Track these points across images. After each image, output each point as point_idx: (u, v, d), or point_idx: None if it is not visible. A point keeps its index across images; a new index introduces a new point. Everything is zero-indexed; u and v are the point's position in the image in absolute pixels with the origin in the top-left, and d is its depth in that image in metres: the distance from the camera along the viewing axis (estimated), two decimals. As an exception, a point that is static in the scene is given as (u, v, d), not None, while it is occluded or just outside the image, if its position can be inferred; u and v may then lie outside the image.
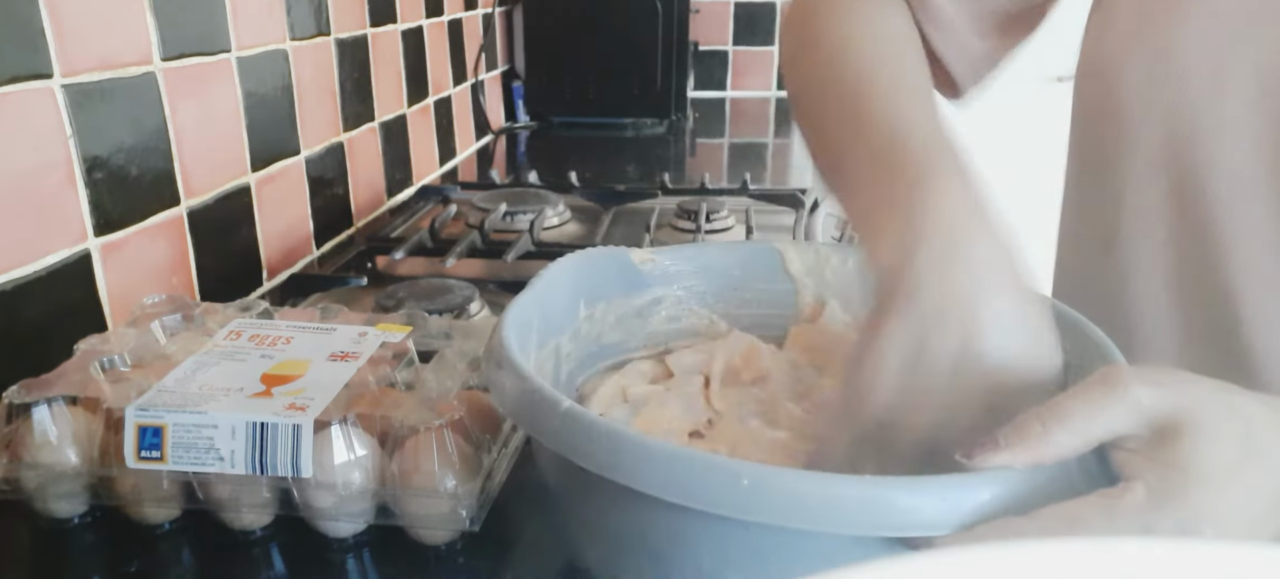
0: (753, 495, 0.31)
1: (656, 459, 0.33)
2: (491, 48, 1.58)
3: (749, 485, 0.31)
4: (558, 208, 1.05)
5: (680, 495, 0.32)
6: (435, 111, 1.32)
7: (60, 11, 0.59)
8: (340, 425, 0.46)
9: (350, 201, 1.04)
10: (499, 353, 0.39)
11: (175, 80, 0.72)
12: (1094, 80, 0.52)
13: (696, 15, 1.79)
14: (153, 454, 0.45)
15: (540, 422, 0.36)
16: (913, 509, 0.31)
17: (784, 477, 0.32)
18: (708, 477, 0.32)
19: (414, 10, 1.22)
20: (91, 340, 0.53)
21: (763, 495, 0.31)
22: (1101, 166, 0.51)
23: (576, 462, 0.34)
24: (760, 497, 0.31)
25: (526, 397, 0.37)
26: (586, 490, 0.38)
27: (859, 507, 0.31)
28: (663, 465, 0.32)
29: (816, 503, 0.31)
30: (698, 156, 1.56)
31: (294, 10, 0.89)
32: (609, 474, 0.33)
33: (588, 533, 0.42)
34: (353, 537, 0.48)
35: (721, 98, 1.99)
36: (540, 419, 0.36)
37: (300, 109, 0.92)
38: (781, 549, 0.33)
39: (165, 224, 0.72)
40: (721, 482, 0.31)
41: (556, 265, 0.50)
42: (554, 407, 0.35)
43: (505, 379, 0.38)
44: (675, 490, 0.32)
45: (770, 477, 0.31)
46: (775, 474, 0.32)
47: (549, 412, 0.35)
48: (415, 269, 0.87)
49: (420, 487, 0.45)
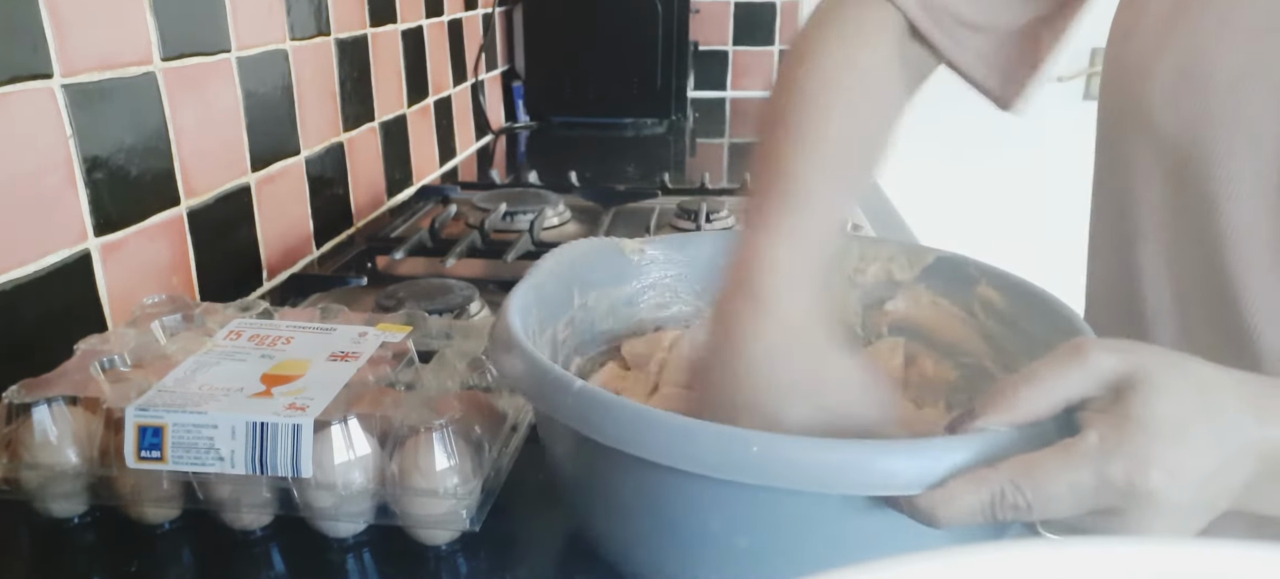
0: (762, 462, 0.33)
1: (675, 431, 0.35)
2: (491, 48, 1.58)
3: (758, 452, 0.33)
4: (558, 208, 1.05)
5: (696, 465, 0.34)
6: (435, 111, 1.32)
7: (60, 11, 0.59)
8: (340, 425, 0.46)
9: (350, 201, 1.04)
10: (506, 337, 0.42)
11: (175, 80, 0.72)
12: (1119, 80, 0.52)
13: (696, 15, 1.79)
14: (153, 454, 0.45)
15: (554, 400, 0.38)
16: (905, 470, 0.33)
17: (790, 444, 0.34)
18: (721, 445, 0.34)
19: (414, 10, 1.22)
20: (91, 340, 0.53)
21: (771, 461, 0.33)
22: (1126, 165, 0.51)
23: (596, 438, 0.36)
24: (768, 463, 0.33)
25: (539, 377, 0.39)
26: (598, 465, 0.40)
27: (857, 470, 0.34)
28: (682, 437, 0.35)
29: (817, 466, 0.34)
30: (698, 156, 1.56)
31: (294, 10, 0.89)
32: (628, 448, 0.35)
33: (600, 508, 0.43)
34: (353, 537, 0.48)
35: (721, 98, 1.99)
36: (554, 398, 0.38)
37: (300, 109, 0.92)
38: (784, 513, 0.36)
39: (165, 224, 0.72)
40: (733, 449, 0.34)
41: (551, 256, 0.53)
42: (568, 386, 0.37)
43: (515, 362, 0.41)
44: (693, 460, 0.34)
45: (779, 444, 0.34)
46: (782, 442, 0.34)
47: (563, 391, 0.38)
48: (415, 269, 0.87)
49: (420, 487, 0.45)
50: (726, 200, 1.07)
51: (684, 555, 0.39)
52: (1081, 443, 0.32)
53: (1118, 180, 0.53)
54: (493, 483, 0.47)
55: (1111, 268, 0.55)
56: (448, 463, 0.45)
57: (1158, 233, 0.50)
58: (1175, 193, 0.48)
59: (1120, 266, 0.53)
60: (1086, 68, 2.18)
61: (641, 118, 1.67)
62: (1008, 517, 0.33)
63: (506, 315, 0.44)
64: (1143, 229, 0.51)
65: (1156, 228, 0.50)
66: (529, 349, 0.41)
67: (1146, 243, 0.51)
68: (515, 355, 0.41)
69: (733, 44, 1.98)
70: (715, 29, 1.96)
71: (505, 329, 0.43)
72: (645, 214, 1.05)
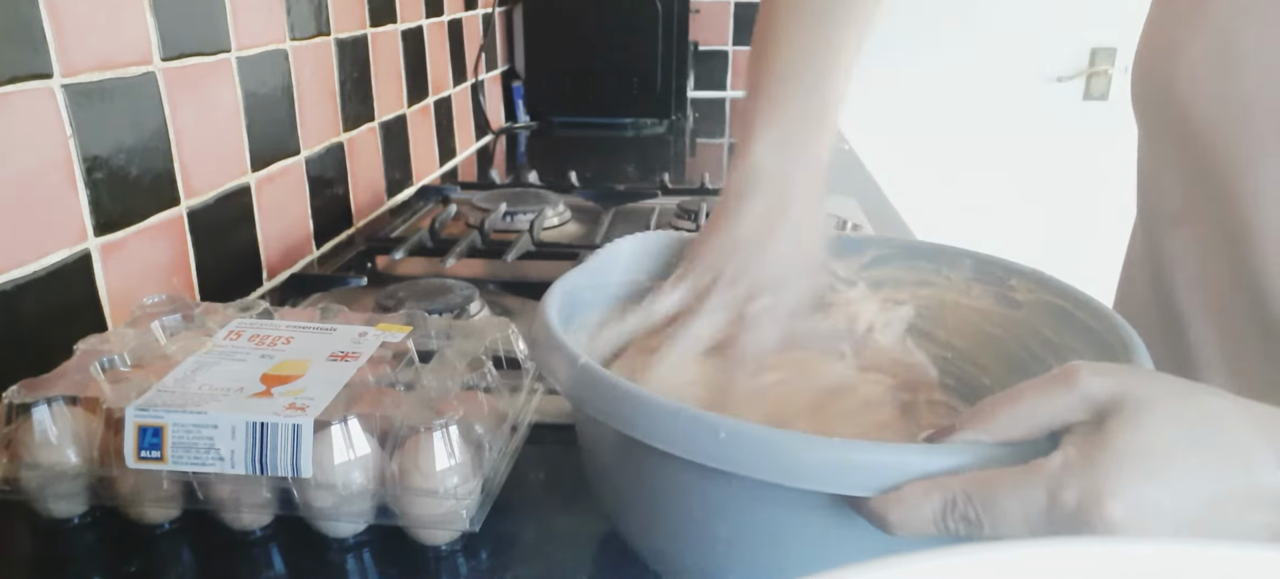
0: (728, 447, 0.33)
1: (652, 409, 0.35)
2: (491, 48, 1.58)
3: (725, 438, 0.33)
4: (558, 208, 1.05)
5: (669, 444, 0.35)
6: (435, 111, 1.32)
7: (60, 11, 0.59)
8: (340, 425, 0.46)
9: (350, 201, 1.04)
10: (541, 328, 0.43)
11: (175, 80, 0.72)
12: (1149, 63, 0.52)
13: (696, 15, 1.79)
14: (153, 454, 0.45)
15: (557, 373, 0.40)
16: (867, 468, 0.32)
17: (755, 431, 0.34)
18: (690, 428, 0.34)
19: (414, 10, 1.22)
20: (91, 340, 0.53)
21: (736, 447, 0.33)
22: (1155, 151, 0.51)
23: (584, 410, 0.38)
24: (734, 449, 0.33)
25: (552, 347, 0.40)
26: (605, 444, 0.42)
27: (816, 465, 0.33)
28: (659, 416, 0.35)
29: (782, 458, 0.33)
30: (698, 157, 1.56)
31: (294, 10, 0.89)
32: (606, 419, 0.37)
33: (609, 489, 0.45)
34: (353, 537, 0.48)
35: (721, 98, 1.99)
36: (557, 370, 0.40)
37: (300, 109, 0.92)
38: (755, 502, 0.36)
39: (165, 224, 0.72)
40: (700, 433, 0.34)
41: (613, 245, 0.54)
42: (572, 361, 0.39)
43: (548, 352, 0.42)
44: (665, 440, 0.35)
45: (745, 430, 0.34)
46: (748, 428, 0.34)
47: (567, 363, 0.39)
48: (415, 269, 0.87)
49: (420, 487, 0.45)
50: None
51: (680, 543, 0.39)
52: (1045, 463, 0.30)
53: (1148, 166, 0.53)
54: (493, 483, 0.47)
55: (1142, 259, 0.55)
56: (448, 463, 0.45)
57: (1187, 220, 0.49)
58: (1203, 178, 0.48)
59: (1151, 257, 0.53)
60: (1087, 68, 2.18)
61: (641, 118, 1.67)
62: (959, 529, 0.31)
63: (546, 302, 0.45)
64: (1173, 214, 0.50)
65: (1185, 215, 0.49)
66: (556, 330, 0.41)
67: (1178, 229, 0.50)
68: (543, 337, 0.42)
69: (733, 44, 1.98)
70: (715, 29, 1.97)
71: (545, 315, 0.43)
72: (645, 214, 1.05)
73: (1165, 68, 0.49)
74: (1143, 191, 0.56)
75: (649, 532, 0.42)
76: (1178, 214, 0.50)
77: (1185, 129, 0.48)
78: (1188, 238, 0.50)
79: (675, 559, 0.41)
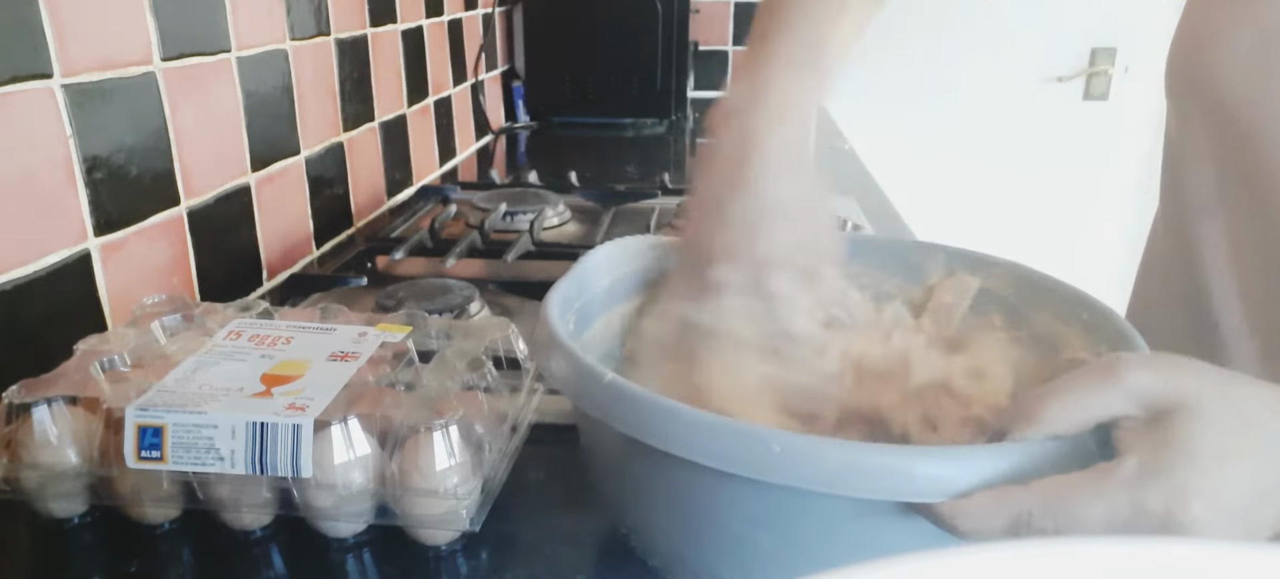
0: (784, 461, 0.33)
1: (700, 427, 0.34)
2: (491, 48, 1.58)
3: (780, 451, 0.33)
4: (558, 208, 1.05)
5: (719, 461, 0.34)
6: (435, 111, 1.32)
7: (60, 11, 0.59)
8: (340, 425, 0.46)
9: (350, 201, 1.04)
10: (544, 333, 0.42)
11: (175, 80, 0.72)
12: (1187, 48, 0.51)
13: (696, 15, 1.79)
14: (153, 454, 0.45)
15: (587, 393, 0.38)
16: (932, 477, 0.32)
17: (811, 444, 0.33)
18: (743, 443, 0.34)
19: (414, 10, 1.22)
20: (91, 340, 0.53)
21: (792, 462, 0.33)
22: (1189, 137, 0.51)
23: (621, 430, 0.36)
24: (789, 463, 0.33)
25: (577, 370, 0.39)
26: (626, 456, 0.40)
27: (878, 473, 0.33)
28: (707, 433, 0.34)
29: (840, 468, 0.33)
30: (698, 157, 1.56)
31: (294, 10, 0.89)
32: (652, 442, 0.35)
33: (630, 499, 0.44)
34: (353, 537, 0.48)
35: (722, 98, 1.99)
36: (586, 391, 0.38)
37: (300, 109, 0.92)
38: (805, 512, 0.35)
39: (165, 224, 0.72)
40: (754, 448, 0.33)
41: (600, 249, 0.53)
42: (598, 379, 0.37)
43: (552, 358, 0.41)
44: (716, 457, 0.34)
45: (800, 443, 0.33)
46: (803, 441, 0.33)
47: (594, 384, 0.38)
48: (415, 269, 0.87)
49: (420, 487, 0.45)
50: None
51: (710, 552, 0.39)
52: (1119, 469, 0.31)
53: (1177, 157, 0.52)
54: (492, 483, 0.47)
55: (1167, 254, 0.54)
56: (448, 463, 0.45)
57: (1221, 208, 0.49)
58: (1240, 164, 0.47)
59: (1178, 251, 0.52)
60: (1087, 68, 2.18)
61: (641, 118, 1.67)
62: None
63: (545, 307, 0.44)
64: (1206, 204, 0.50)
65: (1218, 204, 0.49)
66: (566, 342, 0.41)
67: (1210, 218, 0.50)
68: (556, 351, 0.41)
69: (733, 44, 1.98)
70: (715, 29, 1.97)
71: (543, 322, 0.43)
72: (645, 214, 1.05)
73: (1206, 51, 0.48)
74: (1170, 184, 0.56)
75: (670, 537, 0.41)
76: (1211, 204, 0.50)
77: (1223, 114, 0.47)
78: (1221, 228, 0.50)
79: (698, 563, 0.40)
